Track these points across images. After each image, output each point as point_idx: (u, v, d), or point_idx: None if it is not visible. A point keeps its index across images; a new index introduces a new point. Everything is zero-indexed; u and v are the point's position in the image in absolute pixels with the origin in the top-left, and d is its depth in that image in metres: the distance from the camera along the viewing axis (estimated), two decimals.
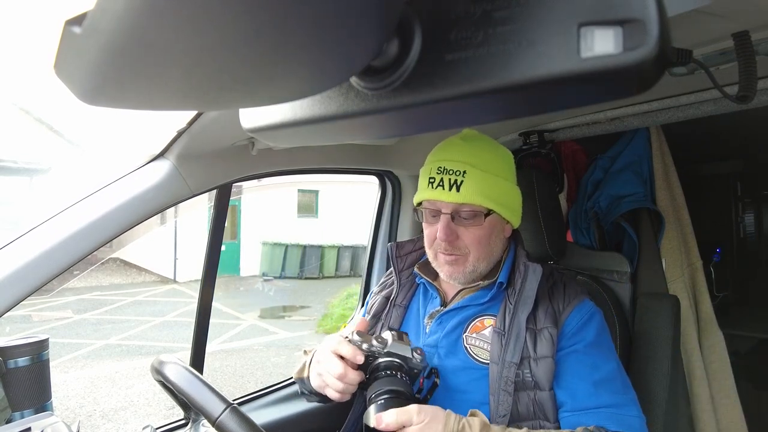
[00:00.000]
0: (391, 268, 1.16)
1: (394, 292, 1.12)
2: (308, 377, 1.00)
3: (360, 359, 0.86)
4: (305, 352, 1.10)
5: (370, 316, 1.12)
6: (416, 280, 1.12)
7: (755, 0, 0.64)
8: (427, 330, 1.03)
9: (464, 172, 0.92)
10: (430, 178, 0.94)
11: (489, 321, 0.98)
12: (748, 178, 2.73)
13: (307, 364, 1.03)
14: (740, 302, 2.48)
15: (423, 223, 1.01)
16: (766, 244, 2.73)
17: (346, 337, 0.89)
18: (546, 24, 0.26)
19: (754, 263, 2.72)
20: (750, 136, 2.16)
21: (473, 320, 0.99)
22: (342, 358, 0.87)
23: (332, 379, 0.87)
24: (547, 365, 0.90)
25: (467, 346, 0.97)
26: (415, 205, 1.02)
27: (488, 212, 0.94)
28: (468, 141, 0.97)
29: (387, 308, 1.11)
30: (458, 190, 0.91)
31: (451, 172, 0.92)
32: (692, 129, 1.38)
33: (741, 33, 0.64)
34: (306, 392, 1.07)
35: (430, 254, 1.02)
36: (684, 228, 1.48)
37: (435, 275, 1.07)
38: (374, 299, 1.17)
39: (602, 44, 0.24)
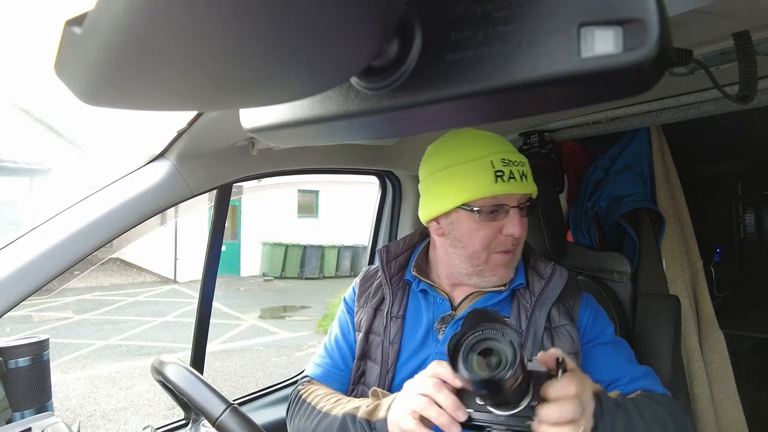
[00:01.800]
0: (360, 277, 1.11)
1: (387, 302, 1.02)
2: (384, 419, 0.80)
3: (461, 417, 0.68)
4: (374, 393, 0.89)
5: (362, 334, 1.02)
6: (415, 286, 1.02)
7: (755, 0, 0.64)
8: (440, 336, 0.96)
9: (523, 162, 0.89)
10: (497, 171, 0.86)
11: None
12: (748, 178, 2.73)
13: (383, 412, 0.81)
14: (741, 302, 2.47)
15: (474, 225, 0.89)
16: (766, 244, 2.72)
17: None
18: (546, 24, 0.26)
19: (755, 263, 2.72)
20: (750, 136, 2.16)
21: None
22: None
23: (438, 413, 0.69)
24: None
25: None
26: (461, 203, 0.88)
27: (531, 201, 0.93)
28: (493, 133, 0.95)
29: (385, 322, 1.00)
30: (527, 179, 0.88)
31: (516, 163, 0.88)
32: (693, 129, 1.38)
33: (741, 33, 0.64)
34: None
35: (479, 258, 0.90)
36: (684, 228, 1.48)
37: (432, 278, 1.02)
38: (360, 314, 1.05)
39: (602, 44, 0.24)
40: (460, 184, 0.88)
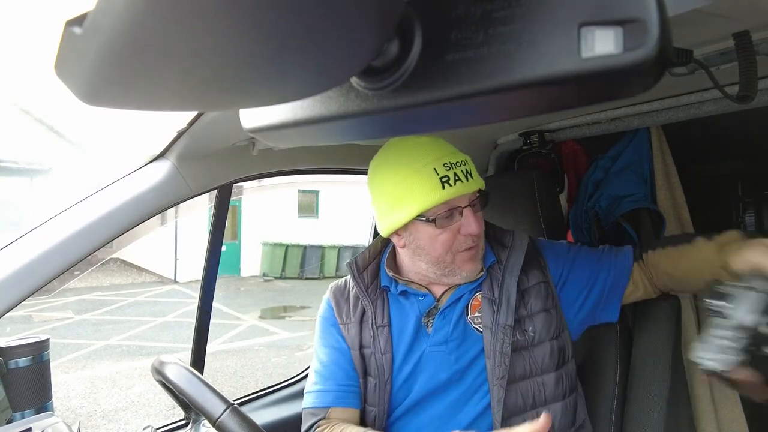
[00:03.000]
0: (332, 293, 1.08)
1: (369, 314, 1.00)
2: None
3: None
4: None
5: (356, 351, 1.00)
6: (393, 289, 1.01)
7: (755, 0, 0.64)
8: (429, 329, 0.98)
9: (465, 160, 0.91)
10: (442, 177, 0.86)
11: (481, 294, 0.99)
12: (749, 179, 2.73)
13: None
14: None
15: (433, 232, 0.90)
16: None
17: None
18: (546, 24, 0.26)
19: None
20: (751, 136, 2.16)
21: (470, 301, 0.99)
22: None
23: None
24: (543, 318, 0.96)
25: (476, 326, 0.97)
26: (415, 215, 0.88)
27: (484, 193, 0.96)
28: (430, 136, 0.94)
29: (372, 334, 0.99)
30: (472, 177, 0.89)
31: (458, 164, 0.89)
32: (693, 129, 1.38)
33: (741, 33, 0.64)
34: None
35: (444, 261, 0.92)
36: (685, 228, 1.48)
37: (408, 277, 1.02)
38: (347, 329, 1.02)
39: (603, 44, 0.24)
40: (410, 196, 0.88)
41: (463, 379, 0.95)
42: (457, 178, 0.87)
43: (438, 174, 0.86)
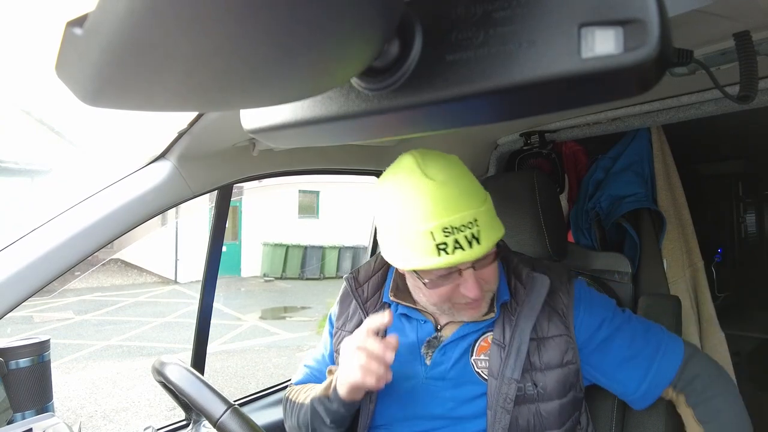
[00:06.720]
0: (341, 293, 1.07)
1: None
2: (335, 387, 0.87)
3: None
4: (330, 371, 0.97)
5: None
6: (394, 308, 0.97)
7: (755, 0, 0.64)
8: (428, 361, 0.92)
9: (476, 220, 0.76)
10: (439, 245, 0.74)
11: (492, 336, 0.92)
12: (749, 179, 2.73)
13: (334, 381, 0.88)
14: (742, 302, 2.47)
15: (424, 286, 0.83)
16: (767, 245, 2.72)
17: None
18: (547, 24, 0.26)
19: (756, 263, 2.72)
20: (751, 136, 2.16)
21: (478, 341, 0.92)
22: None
23: (375, 363, 0.79)
24: (557, 375, 0.87)
25: (479, 370, 0.90)
26: (413, 270, 0.82)
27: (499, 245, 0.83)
28: (440, 180, 0.77)
29: None
30: (479, 242, 0.76)
31: (461, 228, 0.75)
32: (693, 129, 1.38)
33: (742, 33, 0.64)
34: (330, 413, 0.89)
35: (443, 307, 0.87)
36: (685, 228, 1.48)
37: (414, 300, 0.95)
38: (339, 336, 1.02)
39: (603, 44, 0.24)
40: (405, 253, 0.79)
41: (459, 418, 0.90)
42: (457, 245, 0.75)
43: (435, 240, 0.75)
